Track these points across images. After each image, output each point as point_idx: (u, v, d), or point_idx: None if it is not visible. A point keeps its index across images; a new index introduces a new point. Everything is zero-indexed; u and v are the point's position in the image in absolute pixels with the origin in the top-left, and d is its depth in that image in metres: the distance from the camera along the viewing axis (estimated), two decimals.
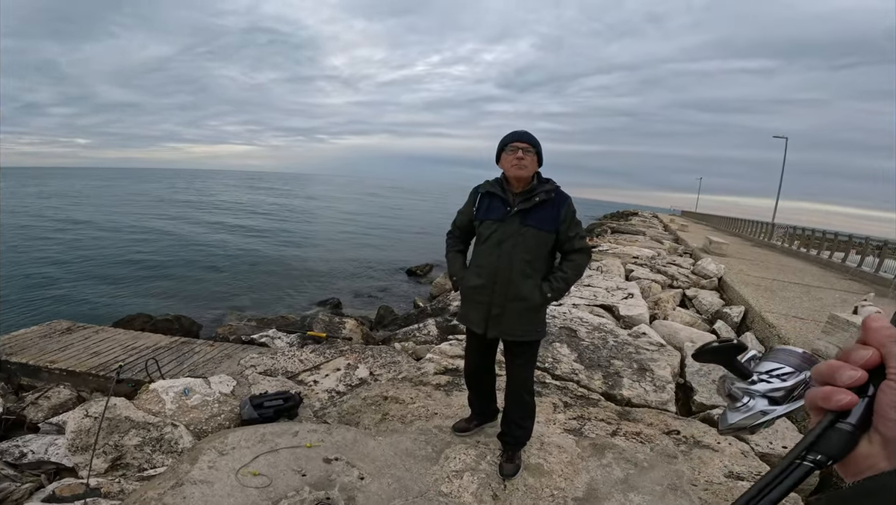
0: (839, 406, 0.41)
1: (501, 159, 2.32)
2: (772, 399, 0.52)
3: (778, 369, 0.52)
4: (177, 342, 5.76)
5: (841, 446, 0.41)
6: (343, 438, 2.70)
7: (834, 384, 0.42)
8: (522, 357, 2.41)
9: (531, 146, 2.25)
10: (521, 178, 2.27)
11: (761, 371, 0.54)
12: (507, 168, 2.29)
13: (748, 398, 0.53)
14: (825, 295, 8.61)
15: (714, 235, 18.37)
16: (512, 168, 2.25)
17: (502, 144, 2.30)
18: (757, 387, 0.53)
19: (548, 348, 4.34)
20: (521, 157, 2.22)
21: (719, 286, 9.13)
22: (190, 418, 3.12)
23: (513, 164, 2.24)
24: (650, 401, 3.66)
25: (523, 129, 2.30)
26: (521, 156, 2.22)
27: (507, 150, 2.27)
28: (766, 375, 0.53)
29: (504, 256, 2.25)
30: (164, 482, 2.22)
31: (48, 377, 4.79)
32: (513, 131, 2.31)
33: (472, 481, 2.38)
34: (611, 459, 2.67)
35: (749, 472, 2.65)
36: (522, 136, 2.26)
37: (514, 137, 2.27)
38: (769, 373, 0.53)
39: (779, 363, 0.53)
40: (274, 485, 2.23)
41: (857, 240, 14.10)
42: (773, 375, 0.53)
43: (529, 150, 2.24)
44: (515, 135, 2.28)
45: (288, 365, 4.35)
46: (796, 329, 5.59)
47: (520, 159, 2.22)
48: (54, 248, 17.47)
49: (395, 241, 26.03)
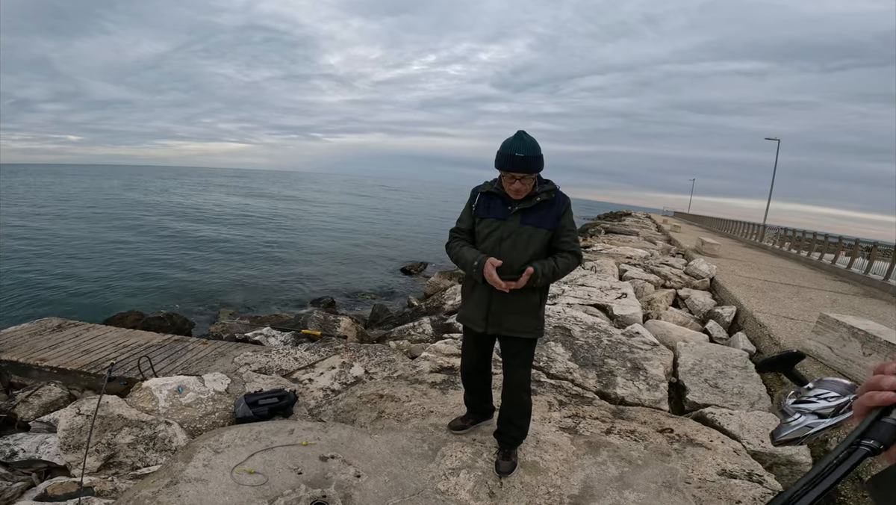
0: (883, 401, 0.53)
1: (500, 174, 2.27)
2: (820, 415, 0.65)
3: (826, 393, 0.66)
4: (169, 340, 5.72)
5: (890, 435, 0.51)
6: (339, 436, 2.70)
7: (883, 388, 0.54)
8: (520, 356, 2.42)
9: (528, 175, 2.17)
10: (518, 198, 2.26)
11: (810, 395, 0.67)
12: (505, 186, 2.26)
13: (799, 415, 0.66)
14: (815, 296, 8.71)
15: (706, 236, 18.52)
16: (510, 189, 2.24)
17: (499, 164, 2.19)
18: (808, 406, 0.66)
19: (542, 347, 4.36)
20: (518, 189, 2.20)
21: (711, 286, 9.20)
22: (184, 416, 3.10)
23: (509, 187, 2.23)
24: (644, 399, 3.69)
25: (521, 141, 2.14)
26: (517, 187, 2.19)
27: (504, 177, 2.23)
28: (815, 397, 0.67)
29: (504, 254, 2.26)
30: (158, 481, 2.21)
31: (39, 375, 4.74)
32: (511, 149, 2.13)
33: (468, 479, 2.38)
34: (605, 457, 2.69)
35: (742, 470, 2.68)
36: (520, 165, 2.12)
37: (512, 166, 2.14)
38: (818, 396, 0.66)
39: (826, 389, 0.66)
40: (270, 483, 2.23)
41: (847, 242, 14.27)
42: (821, 398, 0.66)
43: (526, 178, 2.19)
44: (513, 162, 2.12)
45: (282, 363, 4.34)
46: (787, 329, 5.65)
47: (517, 190, 2.21)
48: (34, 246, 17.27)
49: (389, 239, 25.99)
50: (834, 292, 9.52)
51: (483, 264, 2.17)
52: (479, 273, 2.20)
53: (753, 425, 3.31)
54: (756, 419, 3.40)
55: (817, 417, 0.64)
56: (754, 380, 4.20)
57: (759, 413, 3.53)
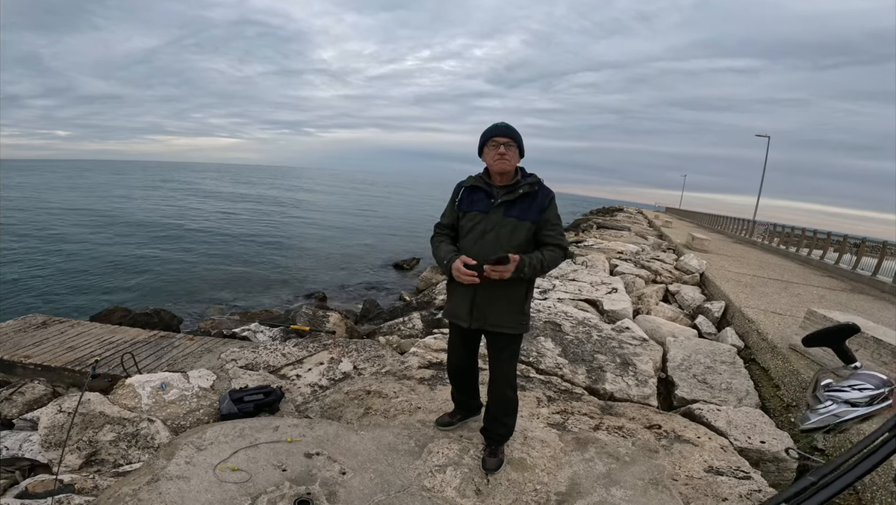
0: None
1: (484, 153, 2.34)
2: (852, 404, 0.64)
3: (860, 384, 0.65)
4: (155, 336, 5.65)
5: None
6: (325, 432, 2.66)
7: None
8: (505, 351, 2.40)
9: (512, 140, 2.26)
10: (503, 172, 2.29)
11: (844, 385, 0.66)
12: (489, 162, 2.31)
13: (830, 403, 0.66)
14: (803, 291, 8.79)
15: (697, 232, 18.64)
16: (495, 163, 2.28)
17: (484, 138, 2.31)
18: (840, 394, 0.65)
19: (532, 343, 4.35)
20: (503, 153, 2.24)
21: (701, 282, 9.26)
22: (167, 413, 3.06)
23: (495, 158, 2.26)
24: (632, 395, 3.69)
25: (503, 122, 2.30)
26: (502, 151, 2.24)
27: (488, 145, 2.29)
28: (849, 386, 0.66)
29: (487, 246, 2.24)
30: (139, 478, 2.17)
31: (23, 372, 4.66)
32: (493, 124, 2.31)
33: (455, 476, 2.36)
34: (593, 454, 2.68)
35: (728, 466, 2.68)
36: (503, 131, 2.27)
37: (495, 132, 2.27)
38: (852, 386, 0.65)
39: (861, 381, 0.66)
40: (253, 480, 2.19)
41: (835, 238, 14.41)
42: (854, 388, 0.65)
43: (511, 144, 2.26)
44: (496, 129, 2.28)
45: (270, 359, 4.29)
46: (775, 324, 5.69)
47: (501, 154, 2.24)
48: None
49: (382, 235, 25.91)
50: (822, 288, 9.61)
51: (452, 264, 2.19)
52: (447, 271, 2.24)
53: (741, 421, 3.32)
54: (744, 415, 3.41)
55: (848, 406, 0.64)
56: (742, 375, 4.23)
57: (746, 409, 3.55)
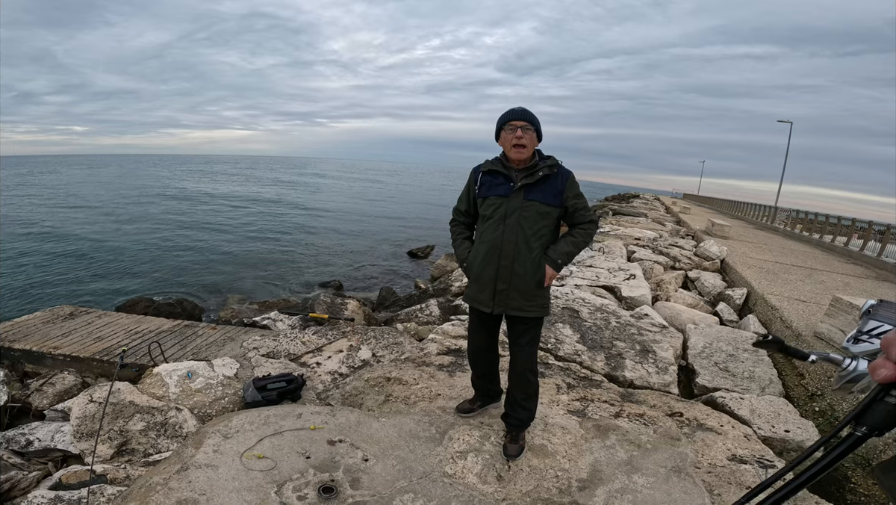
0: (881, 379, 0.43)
1: (501, 137, 2.32)
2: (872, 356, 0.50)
3: (878, 328, 0.53)
4: (179, 326, 5.77)
5: (881, 419, 0.43)
6: (346, 419, 2.70)
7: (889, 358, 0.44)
8: (526, 335, 2.39)
9: (530, 124, 2.24)
10: (521, 157, 2.27)
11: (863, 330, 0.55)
12: (507, 147, 2.30)
13: (849, 361, 0.52)
14: (827, 278, 8.58)
15: (716, 218, 18.29)
16: (513, 148, 2.26)
17: (501, 122, 2.29)
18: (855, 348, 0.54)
19: (551, 329, 4.33)
20: (521, 137, 2.22)
21: (721, 268, 9.10)
22: (194, 402, 3.13)
23: (513, 143, 2.24)
24: (653, 383, 3.67)
25: (521, 107, 2.27)
26: (520, 135, 2.22)
27: (506, 129, 2.27)
28: (867, 335, 0.54)
29: (509, 230, 2.24)
30: (169, 467, 2.23)
31: (52, 363, 4.79)
32: (511, 109, 2.28)
33: (476, 462, 2.38)
34: (614, 441, 2.67)
35: (752, 455, 2.65)
36: (521, 115, 2.24)
37: (513, 116, 2.25)
38: (869, 333, 0.54)
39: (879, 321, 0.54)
40: (278, 467, 2.24)
41: (859, 224, 14.02)
42: (872, 336, 0.54)
43: (528, 127, 2.24)
44: (514, 113, 2.26)
45: (290, 347, 4.35)
46: (799, 312, 5.58)
47: (519, 138, 2.22)
48: None
49: (396, 223, 25.97)
50: (846, 275, 9.38)
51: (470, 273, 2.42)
52: (466, 271, 2.45)
53: (764, 410, 3.28)
54: (767, 404, 3.36)
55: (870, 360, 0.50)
56: (765, 364, 4.16)
57: (770, 398, 3.50)
